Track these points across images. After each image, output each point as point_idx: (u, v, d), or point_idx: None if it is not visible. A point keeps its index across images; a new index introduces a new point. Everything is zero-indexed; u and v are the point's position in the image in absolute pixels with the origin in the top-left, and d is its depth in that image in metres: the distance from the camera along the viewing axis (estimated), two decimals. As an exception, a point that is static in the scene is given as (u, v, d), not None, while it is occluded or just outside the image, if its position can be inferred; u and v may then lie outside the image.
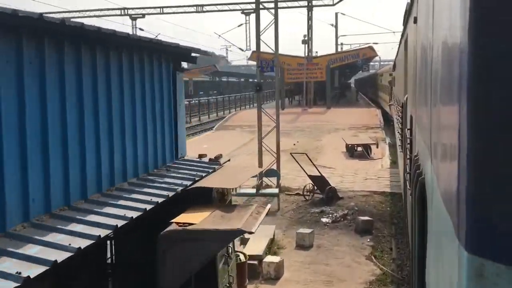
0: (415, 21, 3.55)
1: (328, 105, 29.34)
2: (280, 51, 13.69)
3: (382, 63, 64.77)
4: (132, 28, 34.36)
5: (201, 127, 28.29)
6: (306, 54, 30.14)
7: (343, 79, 63.03)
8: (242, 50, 37.31)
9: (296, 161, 10.94)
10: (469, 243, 1.11)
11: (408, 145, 4.10)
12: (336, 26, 37.03)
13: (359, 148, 14.47)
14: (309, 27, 29.31)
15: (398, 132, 8.99)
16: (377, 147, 15.78)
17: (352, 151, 14.08)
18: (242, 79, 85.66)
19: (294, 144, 17.10)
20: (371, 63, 78.44)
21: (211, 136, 20.91)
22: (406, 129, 4.64)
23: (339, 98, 37.14)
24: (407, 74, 5.32)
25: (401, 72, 7.65)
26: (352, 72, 48.83)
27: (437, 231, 1.73)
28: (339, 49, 39.57)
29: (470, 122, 1.11)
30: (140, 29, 33.71)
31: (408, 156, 4.17)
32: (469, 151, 1.12)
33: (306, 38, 27.83)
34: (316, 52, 33.93)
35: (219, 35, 39.02)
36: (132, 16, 35.54)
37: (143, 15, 35.75)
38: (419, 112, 3.01)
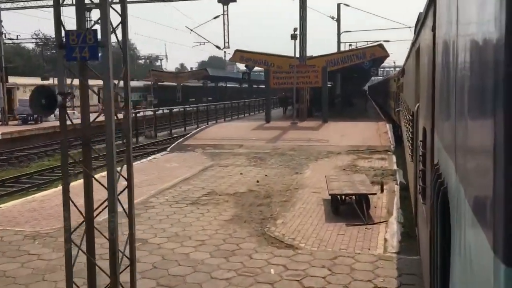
0: (433, 29, 3.56)
1: (324, 117, 23.79)
2: (271, 50, 8.16)
3: (397, 67, 59.00)
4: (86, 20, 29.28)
5: (160, 145, 22.91)
6: (299, 53, 24.73)
7: (351, 85, 57.39)
8: (219, 48, 31.91)
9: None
10: (507, 256, 1.09)
11: (421, 157, 4.14)
12: (338, 20, 31.51)
13: (351, 197, 8.93)
14: (302, 19, 23.89)
15: (408, 141, 8.28)
16: (382, 190, 10.27)
17: (337, 205, 8.57)
18: (246, 85, 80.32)
19: (258, 182, 11.64)
20: (384, 67, 72.53)
21: (154, 163, 15.48)
22: (419, 141, 4.59)
23: (342, 107, 31.64)
24: (420, 84, 5.23)
25: (411, 79, 7.67)
26: (362, 77, 43.16)
27: (466, 243, 1.65)
28: (347, 50, 33.65)
29: (507, 130, 1.10)
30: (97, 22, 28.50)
31: (420, 168, 4.17)
32: (506, 161, 1.10)
33: (296, 33, 22.35)
34: (312, 55, 28.42)
35: (191, 30, 33.40)
36: (87, 6, 30.44)
37: (96, 5, 30.52)
38: (440, 121, 2.92)
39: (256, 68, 31.98)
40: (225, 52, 42.17)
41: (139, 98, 46.97)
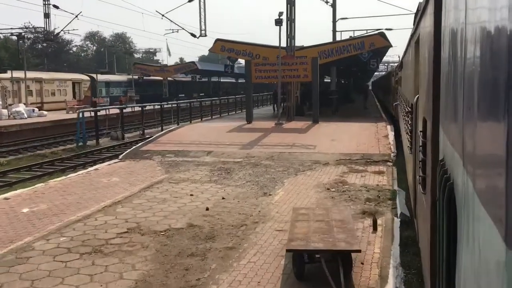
0: (436, 17, 3.50)
1: (314, 117, 20.72)
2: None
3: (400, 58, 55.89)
4: (44, 5, 26.32)
5: (119, 150, 19.86)
6: (286, 42, 21.64)
7: (350, 80, 54.26)
8: (195, 36, 28.70)
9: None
10: None
11: (421, 147, 4.15)
12: (333, 5, 28.27)
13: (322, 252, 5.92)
14: (290, 1, 20.73)
15: (407, 133, 7.94)
16: (375, 228, 7.28)
17: (300, 266, 5.55)
18: (243, 79, 77.08)
19: (208, 209, 8.68)
20: (389, 62, 68.92)
21: (89, 177, 12.49)
22: (419, 132, 4.54)
23: (338, 105, 28.59)
24: (420, 75, 5.21)
25: (409, 72, 7.63)
26: (363, 71, 40.00)
27: (476, 237, 1.65)
28: (342, 39, 30.17)
29: None
30: (55, 6, 25.58)
31: (420, 159, 4.17)
32: None
33: (281, 18, 19.22)
34: (302, 46, 25.32)
35: (163, 15, 30.24)
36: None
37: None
38: (446, 115, 2.83)
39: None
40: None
41: (122, 93, 44.00)
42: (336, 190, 10.12)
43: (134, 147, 16.51)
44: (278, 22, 19.14)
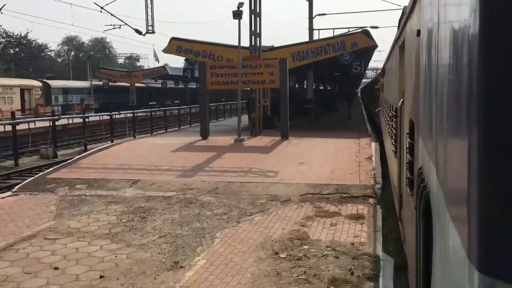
0: (418, 34, 3.39)
1: (283, 132, 17.22)
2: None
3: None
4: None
5: (33, 174, 16.05)
6: (250, 41, 18.16)
7: (332, 86, 51.04)
8: (140, 33, 25.08)
9: None
10: (480, 262, 1.12)
11: (407, 149, 4.12)
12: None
13: None
14: (253, -8, 17.25)
15: (392, 137, 7.77)
16: None
17: None
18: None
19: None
20: (378, 68, 65.52)
21: None
22: (406, 134, 4.47)
23: (318, 115, 25.23)
24: (405, 79, 5.18)
25: (393, 77, 7.73)
26: (347, 75, 36.61)
27: (445, 249, 1.71)
28: (320, 38, 26.17)
29: (480, 133, 1.11)
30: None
31: (407, 161, 4.13)
32: (479, 166, 1.12)
33: (241, 9, 15.64)
34: (273, 46, 21.92)
35: (102, 8, 26.65)
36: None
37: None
38: (423, 122, 2.89)
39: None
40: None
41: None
42: (289, 256, 6.63)
43: (40, 174, 12.84)
44: (237, 15, 15.61)
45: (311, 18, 24.51)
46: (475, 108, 1.12)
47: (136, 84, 46.78)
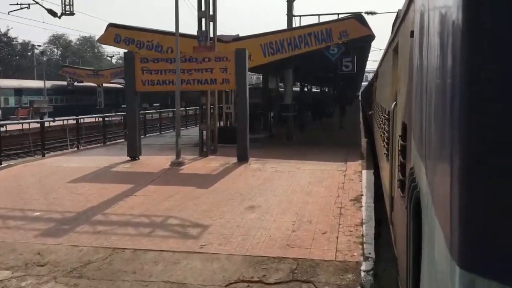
0: (412, 35, 3.48)
1: (240, 153, 12.57)
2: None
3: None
4: None
5: None
6: (199, 27, 13.58)
7: (331, 89, 46.65)
8: (56, 14, 20.37)
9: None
10: (461, 258, 1.18)
11: (400, 152, 4.14)
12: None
13: None
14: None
15: (384, 140, 7.19)
16: None
17: None
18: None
19: None
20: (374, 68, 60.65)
21: None
22: (398, 136, 4.48)
23: (302, 125, 20.69)
24: (399, 81, 5.12)
25: (387, 80, 7.58)
26: (341, 75, 31.92)
27: (432, 247, 1.75)
28: (300, 26, 20.32)
29: (463, 134, 1.16)
30: None
31: (399, 163, 4.14)
32: (460, 166, 1.18)
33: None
34: (238, 35, 17.35)
35: None
36: None
37: None
38: (414, 124, 2.95)
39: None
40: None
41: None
42: None
43: None
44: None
45: (290, 1, 19.87)
46: (457, 109, 1.19)
47: (106, 85, 42.15)
